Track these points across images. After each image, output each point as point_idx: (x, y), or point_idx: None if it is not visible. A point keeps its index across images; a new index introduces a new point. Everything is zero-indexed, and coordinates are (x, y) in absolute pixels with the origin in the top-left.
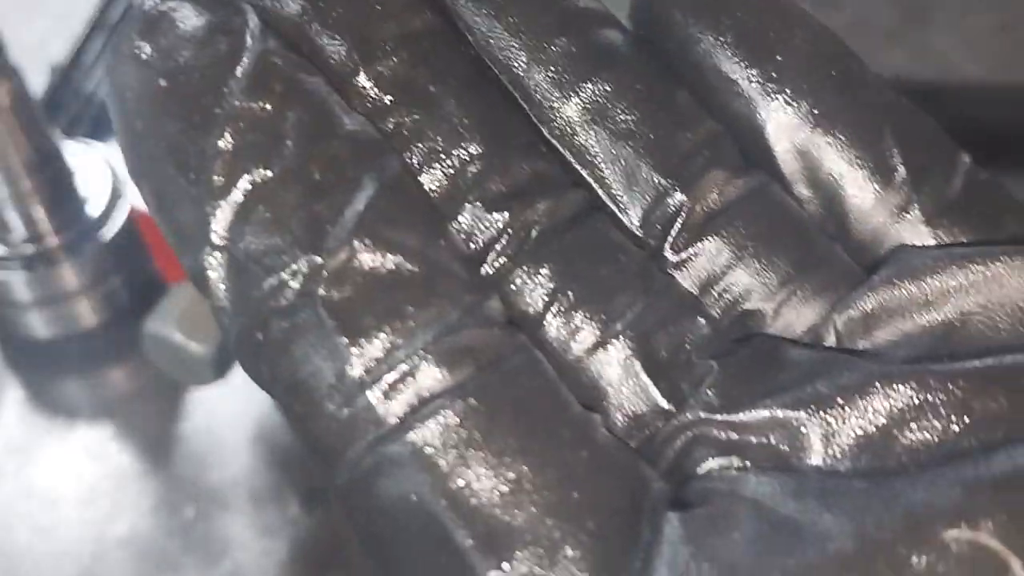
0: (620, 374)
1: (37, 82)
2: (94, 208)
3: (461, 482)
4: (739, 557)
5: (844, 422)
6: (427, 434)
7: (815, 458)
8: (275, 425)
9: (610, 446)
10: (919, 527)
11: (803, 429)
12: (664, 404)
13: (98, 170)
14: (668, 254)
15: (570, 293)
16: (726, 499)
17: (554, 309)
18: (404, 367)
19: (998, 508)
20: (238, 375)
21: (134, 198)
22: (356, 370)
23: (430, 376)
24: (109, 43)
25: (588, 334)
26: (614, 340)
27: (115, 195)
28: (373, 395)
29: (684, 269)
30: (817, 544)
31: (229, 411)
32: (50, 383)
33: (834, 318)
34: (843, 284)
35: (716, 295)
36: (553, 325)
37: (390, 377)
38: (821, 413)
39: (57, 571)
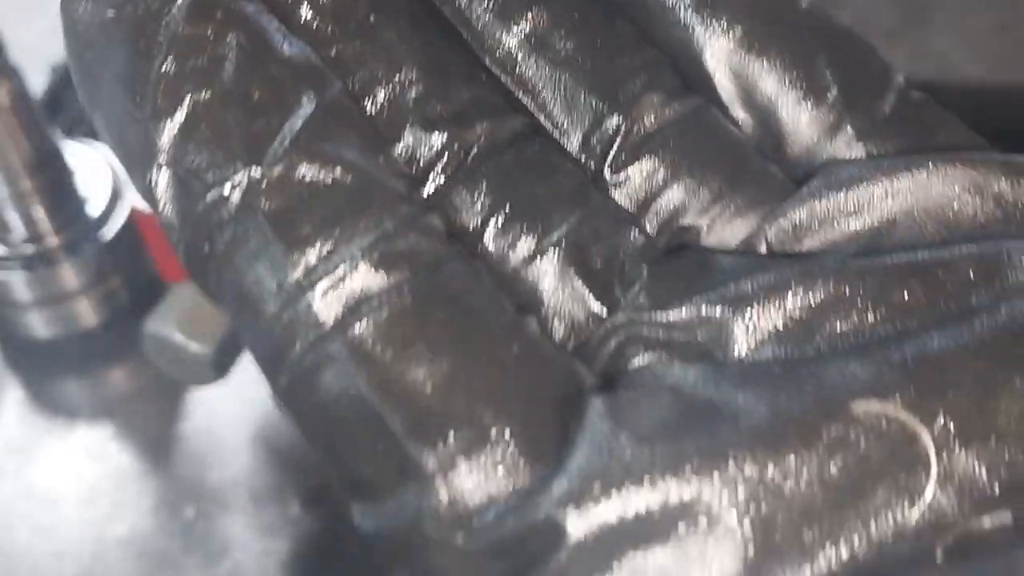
0: (556, 282)
1: (37, 82)
2: (94, 208)
3: (395, 374)
4: (655, 431)
5: (765, 316)
6: (363, 331)
7: (738, 351)
8: (275, 425)
9: (541, 342)
10: (830, 401)
11: (727, 324)
12: (598, 309)
13: (98, 170)
14: (607, 175)
15: (508, 207)
16: (649, 386)
17: (492, 223)
18: (341, 271)
19: (907, 384)
20: (238, 375)
21: (134, 198)
22: (295, 275)
23: (366, 278)
24: None
25: (525, 245)
26: (550, 250)
27: (115, 195)
28: (312, 298)
29: (622, 188)
30: (731, 420)
31: (229, 411)
32: (50, 383)
33: (765, 229)
34: (776, 199)
35: (653, 212)
36: (491, 238)
37: (328, 280)
38: (744, 309)
39: (57, 571)
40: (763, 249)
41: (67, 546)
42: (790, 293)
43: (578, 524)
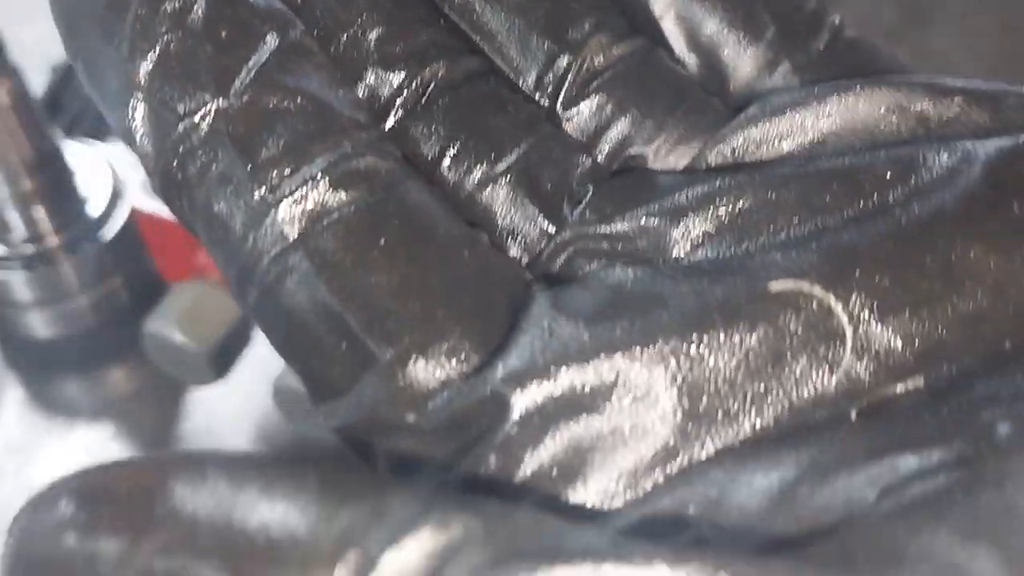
0: (508, 204)
1: (37, 82)
2: (94, 208)
3: (354, 280)
4: (592, 315)
5: (698, 223)
6: (324, 242)
7: (675, 255)
8: (275, 425)
9: (492, 252)
10: (751, 284)
11: (664, 232)
12: (548, 228)
13: (98, 170)
14: (560, 111)
15: (463, 138)
16: (591, 284)
17: (448, 153)
18: (303, 189)
19: (823, 264)
20: (238, 375)
21: (134, 198)
22: (260, 193)
23: (326, 195)
24: None
25: (479, 171)
26: (503, 175)
27: (115, 195)
28: (275, 214)
29: (573, 122)
30: (662, 306)
31: (229, 411)
32: (50, 383)
33: (706, 154)
34: (717, 128)
35: (602, 143)
36: (447, 167)
37: (290, 198)
38: (679, 218)
39: None
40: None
41: None
42: (721, 201)
43: (521, 399)
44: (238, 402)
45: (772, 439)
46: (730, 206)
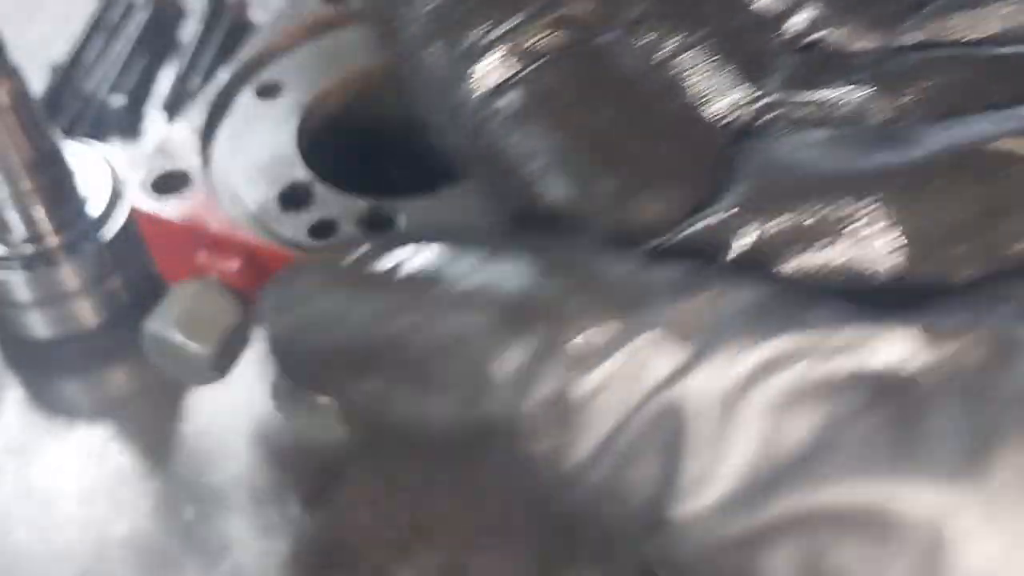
0: (707, 69)
1: (37, 82)
2: (94, 208)
3: (575, 117)
4: (807, 162)
5: (905, 95)
6: (540, 81)
7: (878, 123)
8: (275, 425)
9: (692, 107)
10: (965, 145)
11: (869, 102)
12: (745, 94)
13: (98, 170)
14: None
15: (658, 6)
16: (797, 140)
17: (646, 20)
18: (516, 32)
19: None
20: (238, 375)
21: (134, 198)
22: (474, 35)
23: (539, 37)
24: (109, 43)
25: (678, 37)
26: (701, 42)
27: (115, 195)
28: (490, 56)
29: (761, 3)
30: (878, 157)
31: (229, 411)
32: (50, 383)
33: (895, 41)
34: (902, 20)
35: (791, 23)
36: (643, 32)
37: (504, 41)
38: (885, 89)
39: (57, 571)
40: None
41: (67, 546)
42: (924, 75)
43: (746, 231)
44: (238, 402)
45: (992, 281)
46: (935, 79)
